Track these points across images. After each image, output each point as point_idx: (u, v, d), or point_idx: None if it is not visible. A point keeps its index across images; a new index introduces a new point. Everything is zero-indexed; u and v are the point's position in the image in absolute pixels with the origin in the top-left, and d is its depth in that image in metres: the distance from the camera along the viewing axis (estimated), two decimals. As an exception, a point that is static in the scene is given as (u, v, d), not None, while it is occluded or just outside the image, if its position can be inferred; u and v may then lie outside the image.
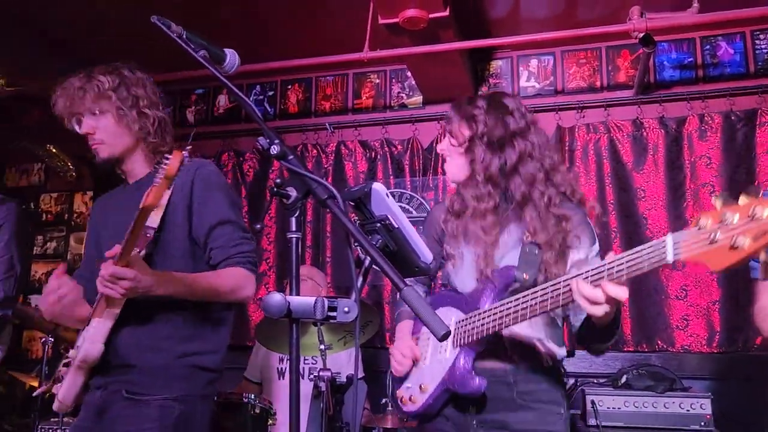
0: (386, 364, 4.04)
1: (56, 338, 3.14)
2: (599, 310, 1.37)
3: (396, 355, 1.91)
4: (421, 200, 4.34)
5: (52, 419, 3.22)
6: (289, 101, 4.85)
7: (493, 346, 1.72)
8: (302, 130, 4.66)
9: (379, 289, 4.30)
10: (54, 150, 5.11)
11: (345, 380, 2.61)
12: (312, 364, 3.32)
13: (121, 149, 1.92)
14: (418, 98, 4.54)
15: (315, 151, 4.60)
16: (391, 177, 4.41)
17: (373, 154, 4.50)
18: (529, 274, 1.68)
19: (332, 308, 1.21)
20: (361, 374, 3.41)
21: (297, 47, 4.14)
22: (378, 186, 1.29)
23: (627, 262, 1.29)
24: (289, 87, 4.86)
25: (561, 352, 1.77)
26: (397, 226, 1.30)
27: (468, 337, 1.68)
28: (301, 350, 2.82)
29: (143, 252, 1.70)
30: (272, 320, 2.85)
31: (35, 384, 3.54)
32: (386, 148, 4.47)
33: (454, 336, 1.74)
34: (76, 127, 1.92)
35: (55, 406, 1.82)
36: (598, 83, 4.20)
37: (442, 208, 1.93)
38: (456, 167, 1.85)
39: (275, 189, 1.26)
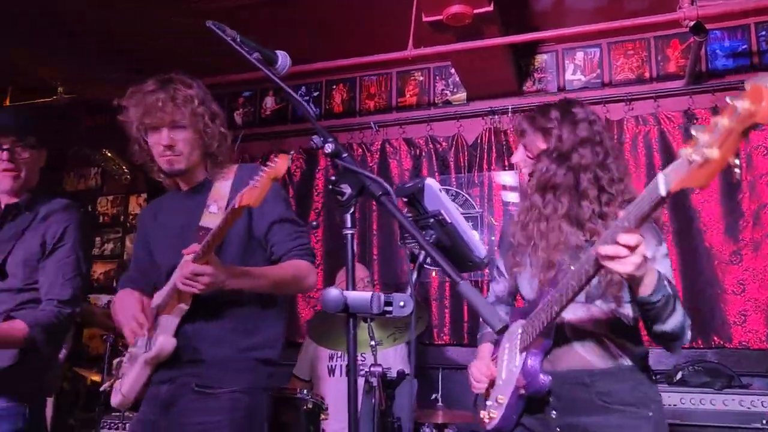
0: (433, 361, 4.07)
1: (117, 335, 3.26)
2: (624, 266, 1.35)
3: (474, 373, 1.94)
4: (467, 197, 4.33)
5: (114, 413, 3.35)
6: (333, 101, 4.91)
7: (565, 348, 1.71)
8: (347, 129, 4.71)
9: (426, 286, 4.31)
10: (109, 154, 5.30)
11: (395, 376, 2.63)
12: (360, 360, 3.35)
13: (194, 161, 1.94)
14: (462, 95, 4.53)
15: (360, 150, 4.64)
16: (437, 174, 4.41)
17: (418, 151, 4.51)
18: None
19: (388, 303, 1.23)
20: (407, 368, 3.43)
21: (341, 48, 4.19)
22: (431, 181, 1.31)
23: (630, 208, 1.31)
24: (334, 87, 4.91)
25: (638, 350, 1.73)
26: (450, 221, 1.32)
27: (529, 336, 1.69)
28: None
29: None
30: (324, 317, 2.91)
31: (97, 379, 3.69)
32: (431, 146, 4.48)
33: (520, 341, 1.75)
34: (151, 136, 1.91)
35: (116, 401, 1.89)
36: (647, 74, 4.11)
37: (512, 219, 1.95)
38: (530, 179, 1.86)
39: (330, 186, 1.29)
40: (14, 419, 2.02)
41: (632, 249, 1.33)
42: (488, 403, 1.86)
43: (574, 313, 1.70)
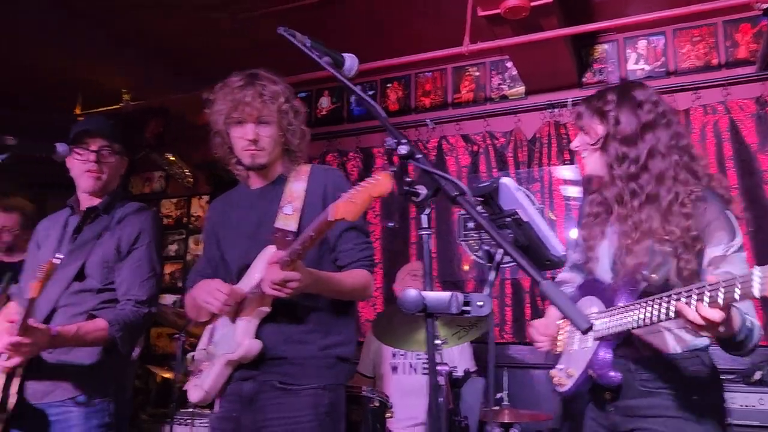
0: (496, 360, 4.03)
1: (188, 334, 3.36)
2: (703, 332, 1.36)
3: (534, 333, 1.93)
4: (527, 193, 4.26)
5: (186, 410, 3.46)
6: (389, 99, 4.92)
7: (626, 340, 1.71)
8: (403, 127, 4.71)
9: (485, 284, 4.27)
10: (172, 158, 5.47)
11: (462, 374, 2.62)
12: (425, 359, 3.36)
13: (274, 157, 1.98)
14: (519, 89, 4.46)
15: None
16: (494, 170, 4.37)
17: (475, 147, 4.47)
18: (659, 273, 1.66)
19: (467, 303, 1.23)
20: (473, 368, 3.41)
21: (394, 46, 4.18)
22: (507, 180, 1.30)
23: (719, 289, 1.28)
24: (389, 85, 4.92)
25: (697, 341, 1.70)
26: (526, 220, 1.30)
27: (605, 330, 1.68)
28: (416, 345, 2.88)
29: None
30: (389, 316, 2.93)
31: (168, 376, 3.80)
32: (488, 141, 4.43)
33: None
34: (236, 130, 1.93)
35: (197, 397, 1.93)
36: (715, 61, 3.95)
37: (589, 200, 1.93)
38: (592, 164, 1.83)
39: (406, 188, 1.29)
40: (101, 414, 2.10)
41: (714, 323, 1.32)
42: (560, 367, 1.88)
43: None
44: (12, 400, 2.00)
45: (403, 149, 1.30)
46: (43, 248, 2.33)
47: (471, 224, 4.35)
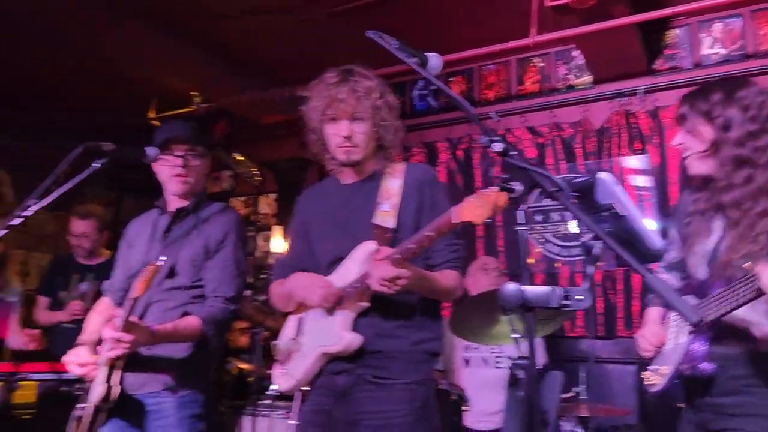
0: (567, 354, 3.99)
1: (266, 328, 3.47)
2: None
3: (641, 342, 1.91)
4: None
5: (264, 401, 3.57)
6: (452, 93, 4.90)
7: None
8: (467, 121, 4.70)
9: (555, 277, 4.22)
10: (240, 157, 5.63)
11: (540, 368, 2.61)
12: (498, 353, 3.36)
13: (368, 153, 1.99)
14: (587, 78, 4.38)
15: (481, 141, 4.61)
16: (562, 162, 4.31)
17: (541, 139, 4.42)
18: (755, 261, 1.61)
19: (566, 296, 1.24)
20: (546, 361, 3.39)
21: (457, 39, 4.17)
22: (604, 175, 1.30)
23: None
24: (451, 79, 4.91)
25: None
26: (624, 214, 1.29)
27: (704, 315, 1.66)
28: (493, 339, 2.88)
29: None
30: (465, 310, 2.94)
31: (246, 367, 3.93)
32: (555, 133, 4.37)
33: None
34: (331, 127, 1.94)
35: (287, 386, 1.98)
36: (797, 42, 3.78)
37: (689, 198, 1.90)
38: (700, 165, 1.79)
39: (501, 184, 1.30)
40: (193, 405, 2.19)
41: None
42: (653, 367, 1.87)
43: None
44: (115, 390, 2.11)
45: (497, 146, 1.31)
46: (134, 248, 2.44)
47: (539, 217, 4.31)
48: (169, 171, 2.35)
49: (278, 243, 5.24)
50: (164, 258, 2.16)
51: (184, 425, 2.13)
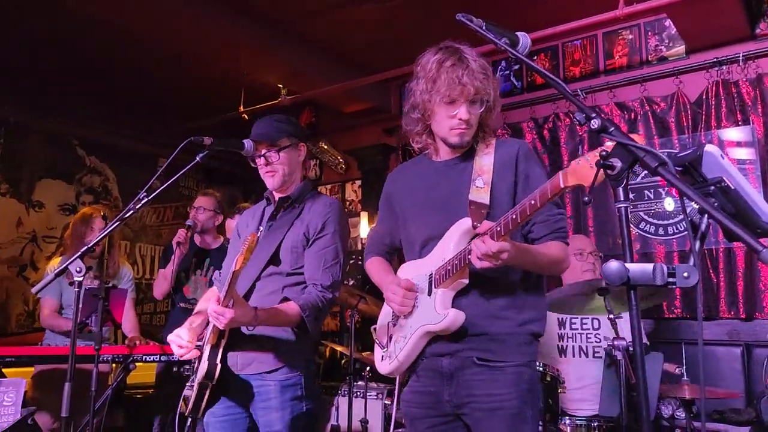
0: (665, 335, 3.85)
1: (359, 313, 3.57)
2: None
3: None
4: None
5: (357, 382, 3.68)
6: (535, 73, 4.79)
7: None
8: (552, 99, 4.59)
9: (651, 256, 4.08)
10: (325, 146, 5.76)
11: (640, 349, 2.54)
12: (595, 342, 3.20)
13: (473, 135, 1.96)
14: (679, 48, 4.17)
15: (568, 119, 4.50)
16: (655, 137, 4.13)
17: (632, 115, 4.26)
18: None
19: (671, 274, 1.20)
20: (646, 342, 3.28)
21: (538, 16, 4.07)
22: (711, 148, 1.25)
23: None
24: (534, 58, 4.80)
25: None
26: (734, 187, 1.24)
27: None
28: (588, 312, 2.83)
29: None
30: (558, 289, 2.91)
31: (339, 349, 4.05)
32: (647, 107, 4.20)
33: None
34: (446, 109, 1.89)
35: (389, 368, 2.00)
36: None
37: None
38: None
39: (600, 161, 1.28)
40: (295, 388, 2.25)
41: None
42: None
43: None
44: (217, 368, 2.21)
45: (595, 123, 1.29)
46: (243, 236, 2.56)
47: (631, 195, 4.16)
48: (261, 168, 2.45)
49: (365, 228, 5.34)
50: (262, 228, 2.24)
51: (286, 407, 2.19)
